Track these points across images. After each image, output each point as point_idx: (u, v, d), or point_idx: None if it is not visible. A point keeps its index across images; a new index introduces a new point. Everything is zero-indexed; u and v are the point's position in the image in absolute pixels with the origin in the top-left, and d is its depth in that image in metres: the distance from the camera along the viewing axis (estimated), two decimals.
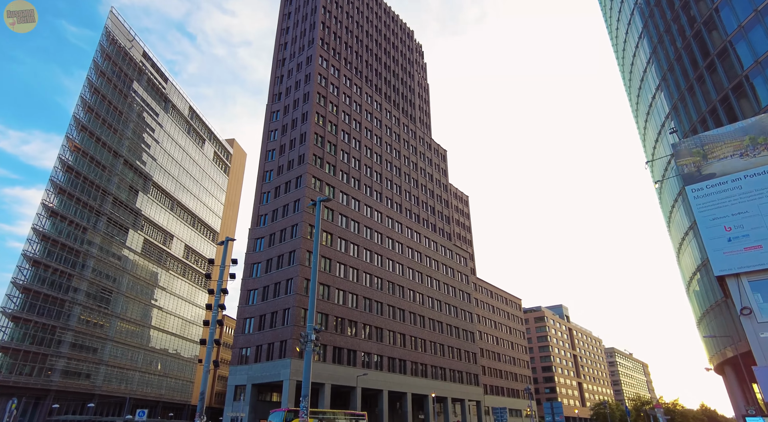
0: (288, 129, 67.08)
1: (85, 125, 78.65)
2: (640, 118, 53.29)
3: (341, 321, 56.53)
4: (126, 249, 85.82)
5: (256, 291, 57.26)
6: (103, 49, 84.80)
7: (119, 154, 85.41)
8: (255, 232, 61.83)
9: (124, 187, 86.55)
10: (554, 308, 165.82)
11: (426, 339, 68.57)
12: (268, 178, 65.28)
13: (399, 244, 71.36)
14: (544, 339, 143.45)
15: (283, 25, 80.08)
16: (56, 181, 73.35)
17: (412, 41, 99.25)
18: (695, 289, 42.63)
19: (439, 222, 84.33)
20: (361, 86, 77.12)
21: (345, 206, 63.73)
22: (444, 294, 77.08)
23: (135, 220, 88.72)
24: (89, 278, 76.48)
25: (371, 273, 63.60)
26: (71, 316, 72.81)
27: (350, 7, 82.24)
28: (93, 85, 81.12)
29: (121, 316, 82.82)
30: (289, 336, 50.17)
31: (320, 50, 70.46)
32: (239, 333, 55.90)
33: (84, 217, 76.93)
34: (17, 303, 66.21)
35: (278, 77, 74.49)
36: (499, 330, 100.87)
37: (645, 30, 46.29)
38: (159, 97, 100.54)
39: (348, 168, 67.40)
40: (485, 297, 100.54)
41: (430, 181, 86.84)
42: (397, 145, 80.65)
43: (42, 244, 70.25)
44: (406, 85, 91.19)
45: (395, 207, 74.18)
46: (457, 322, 77.19)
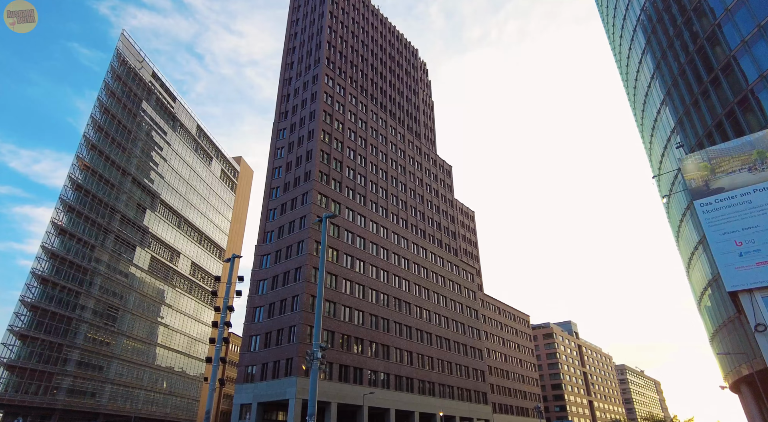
0: (294, 146, 67.67)
1: (95, 144, 79.82)
2: (645, 132, 53.30)
3: (347, 338, 56.06)
4: (133, 266, 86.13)
5: (262, 308, 57.06)
6: (114, 71, 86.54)
7: (128, 172, 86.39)
8: (261, 249, 61.90)
9: (132, 205, 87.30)
10: (563, 324, 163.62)
11: (433, 356, 67.74)
12: (274, 195, 65.63)
13: (405, 260, 71.11)
14: (553, 356, 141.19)
15: (289, 45, 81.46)
16: (66, 200, 74.17)
17: (416, 59, 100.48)
18: (707, 305, 41.98)
19: (445, 237, 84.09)
20: (367, 104, 77.92)
21: (351, 222, 63.79)
22: (451, 310, 76.39)
23: (142, 238, 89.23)
24: (96, 296, 76.66)
25: (377, 289, 63.26)
26: (78, 334, 72.79)
27: (356, 27, 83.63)
28: (103, 105, 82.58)
29: (127, 334, 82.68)
30: (295, 354, 49.76)
31: (326, 69, 71.46)
32: (245, 350, 55.54)
33: (92, 235, 77.51)
34: (25, 321, 66.39)
35: (285, 96, 75.47)
36: (507, 347, 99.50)
37: (648, 46, 46.61)
38: (167, 116, 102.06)
39: (354, 184, 67.67)
40: (493, 313, 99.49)
41: (436, 197, 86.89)
42: (402, 161, 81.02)
43: (50, 262, 70.71)
44: (411, 102, 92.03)
45: (401, 222, 74.14)
46: (464, 339, 76.29)
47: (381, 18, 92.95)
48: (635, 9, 48.56)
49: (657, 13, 44.08)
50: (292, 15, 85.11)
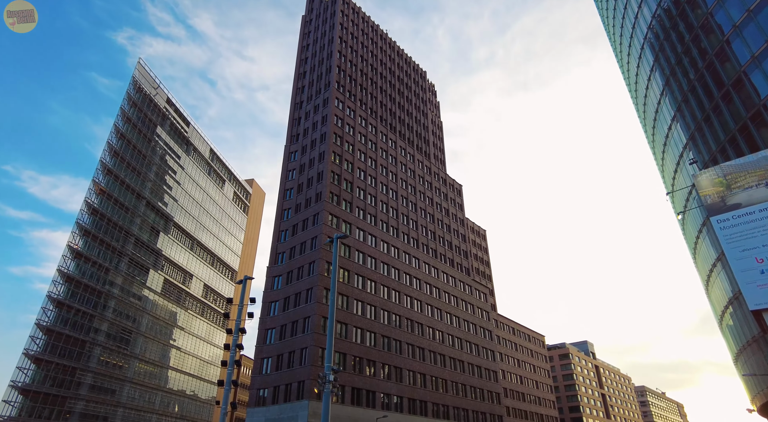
0: (306, 168, 68.37)
1: (111, 169, 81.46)
2: (657, 149, 52.96)
3: (359, 360, 55.37)
4: (146, 289, 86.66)
5: (273, 330, 56.79)
6: (130, 97, 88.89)
7: (142, 196, 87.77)
8: (273, 270, 61.98)
9: (146, 228, 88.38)
10: (579, 344, 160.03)
11: (447, 379, 66.48)
12: (286, 217, 66.03)
13: (417, 280, 70.59)
14: (569, 378, 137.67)
15: (300, 70, 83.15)
16: (82, 223, 75.37)
17: (424, 81, 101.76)
18: (729, 324, 40.85)
19: (456, 256, 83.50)
20: (376, 125, 78.78)
21: (362, 242, 63.75)
22: (464, 331, 75.26)
23: (156, 260, 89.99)
24: (110, 318, 77.06)
25: (389, 310, 62.70)
26: (91, 358, 72.95)
27: (365, 51, 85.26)
28: (120, 131, 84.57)
29: (140, 357, 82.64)
30: (307, 377, 49.20)
31: (336, 93, 72.66)
32: (257, 373, 55.08)
33: (107, 258, 78.40)
34: (40, 345, 66.79)
35: (296, 119, 76.66)
36: (522, 368, 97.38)
37: (656, 63, 46.73)
38: (181, 140, 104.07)
39: (364, 204, 67.89)
40: (507, 334, 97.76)
41: (446, 216, 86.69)
42: (412, 181, 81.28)
43: (66, 286, 71.47)
44: (420, 123, 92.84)
45: (412, 242, 73.90)
46: (478, 361, 74.89)
47: (389, 42, 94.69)
48: (642, 27, 48.91)
49: (664, 31, 44.32)
50: (302, 41, 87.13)
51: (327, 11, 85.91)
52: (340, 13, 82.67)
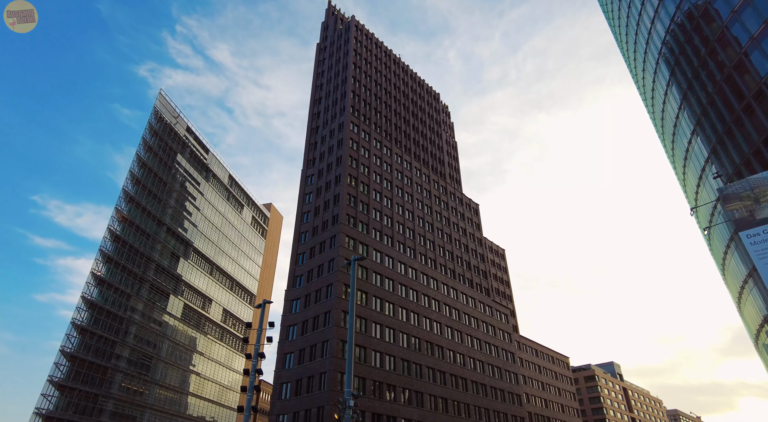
0: (322, 191, 68.94)
1: (133, 197, 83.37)
2: (677, 163, 52.03)
3: (379, 385, 54.39)
4: (166, 314, 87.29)
5: (292, 354, 56.36)
6: (152, 127, 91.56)
7: (163, 222, 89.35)
8: (291, 294, 61.93)
9: (166, 254, 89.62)
10: (605, 366, 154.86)
11: (470, 403, 64.74)
12: (303, 239, 66.31)
13: (435, 302, 69.67)
14: (596, 401, 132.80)
15: (316, 95, 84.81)
16: (105, 251, 76.84)
17: (438, 103, 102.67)
18: (765, 343, 39.09)
19: (475, 277, 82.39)
20: (391, 147, 79.39)
21: (379, 264, 63.45)
22: (486, 354, 73.57)
23: (176, 286, 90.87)
24: (131, 344, 77.58)
25: (408, 333, 61.81)
26: (113, 384, 73.25)
27: (378, 76, 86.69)
28: (141, 160, 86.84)
29: (160, 383, 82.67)
30: (327, 402, 48.44)
31: (351, 117, 73.71)
32: (276, 398, 54.47)
33: (128, 284, 79.48)
34: (64, 371, 67.43)
35: (312, 144, 77.79)
36: (547, 391, 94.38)
37: (672, 77, 46.33)
38: (201, 167, 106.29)
39: (381, 226, 67.87)
40: (530, 356, 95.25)
41: (464, 235, 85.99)
42: (428, 202, 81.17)
43: (89, 312, 72.45)
44: (435, 143, 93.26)
45: (429, 263, 73.27)
46: (501, 384, 72.89)
47: (402, 65, 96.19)
48: (656, 43, 48.75)
49: (679, 46, 44.07)
50: (317, 68, 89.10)
51: (341, 38, 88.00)
52: (354, 39, 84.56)
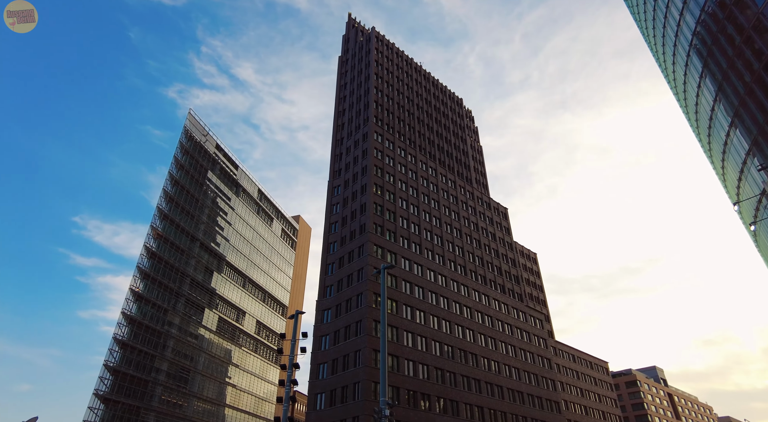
0: (349, 201, 69.46)
1: (167, 214, 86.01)
2: (715, 157, 50.05)
3: (413, 394, 53.92)
4: (202, 328, 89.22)
5: (325, 364, 56.59)
6: (182, 146, 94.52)
7: (196, 238, 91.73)
8: (322, 304, 62.36)
9: (200, 268, 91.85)
10: (647, 371, 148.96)
11: (506, 411, 63.35)
12: (332, 250, 66.82)
13: (467, 309, 68.80)
14: (639, 407, 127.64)
15: (339, 107, 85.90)
16: (142, 267, 79.38)
17: (461, 108, 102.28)
18: None
19: (507, 282, 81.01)
20: (416, 155, 79.42)
21: (408, 272, 63.23)
22: (521, 360, 72.00)
23: (210, 299, 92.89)
24: (170, 358, 79.55)
25: (441, 341, 61.18)
26: (153, 397, 75.15)
27: (400, 85, 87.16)
28: (174, 178, 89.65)
29: (198, 395, 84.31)
30: (361, 412, 48.31)
31: (375, 127, 74.25)
32: (311, 409, 54.70)
33: (165, 299, 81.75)
34: (108, 384, 69.68)
35: (338, 155, 78.64)
36: (586, 398, 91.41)
37: (706, 69, 44.78)
38: (231, 182, 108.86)
39: (408, 234, 67.73)
40: (567, 361, 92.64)
41: (493, 240, 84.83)
42: (455, 207, 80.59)
43: (129, 327, 74.81)
44: (459, 149, 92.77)
45: (459, 269, 72.53)
46: (538, 391, 71.07)
47: (423, 73, 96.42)
48: (686, 34, 47.30)
49: (711, 36, 42.62)
50: (340, 80, 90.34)
51: (362, 50, 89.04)
52: (375, 50, 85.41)
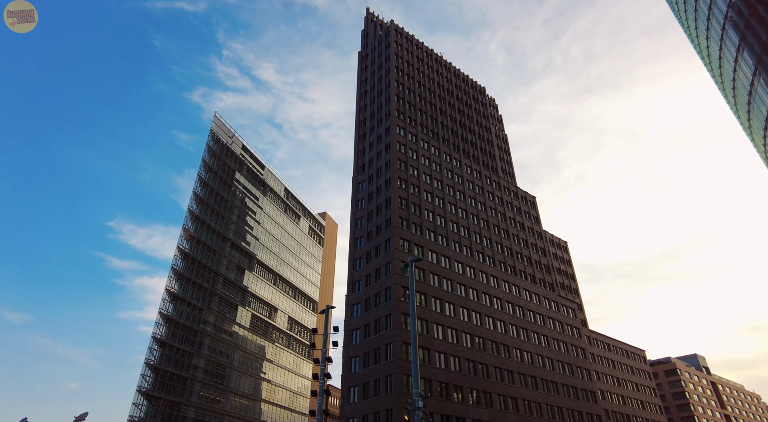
0: (374, 196, 69.71)
1: (198, 215, 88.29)
2: (756, 134, 47.90)
3: (445, 386, 53.99)
4: (236, 325, 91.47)
5: (357, 358, 57.24)
6: (210, 148, 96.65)
7: (227, 238, 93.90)
8: (351, 298, 62.98)
9: (232, 268, 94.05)
10: (687, 359, 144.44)
11: (541, 402, 62.69)
12: (359, 245, 67.30)
13: (497, 300, 68.21)
14: (681, 396, 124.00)
15: (361, 103, 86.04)
16: (176, 268, 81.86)
17: (484, 97, 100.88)
18: None
19: (537, 272, 79.83)
20: (439, 147, 78.90)
21: (435, 265, 63.10)
22: (554, 350, 71.00)
23: (243, 297, 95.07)
24: (206, 355, 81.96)
25: (471, 333, 60.94)
26: (192, 393, 77.67)
27: (422, 77, 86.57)
28: (203, 180, 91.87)
29: (234, 391, 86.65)
30: (395, 404, 48.71)
31: (397, 120, 74.10)
32: (345, 402, 55.49)
33: (200, 299, 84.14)
34: (149, 381, 72.43)
35: (361, 150, 78.92)
36: (624, 387, 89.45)
37: (743, 42, 42.77)
38: (258, 182, 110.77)
39: (434, 226, 67.52)
40: (602, 351, 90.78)
41: (522, 230, 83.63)
42: (481, 198, 79.77)
43: (167, 326, 77.41)
44: (484, 138, 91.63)
45: (488, 260, 71.91)
46: (573, 381, 69.99)
47: (444, 63, 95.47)
48: (721, 7, 45.23)
49: (748, 7, 40.64)
50: (361, 75, 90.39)
51: (381, 44, 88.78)
52: (394, 43, 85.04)
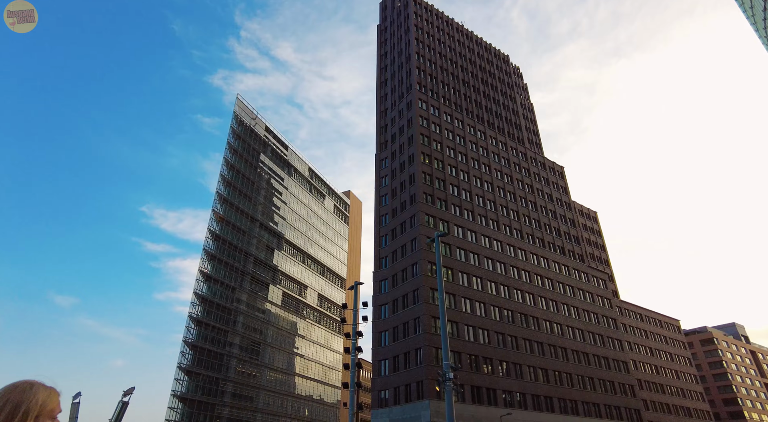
0: (397, 173, 69.56)
1: (226, 198, 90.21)
2: None
3: (475, 358, 54.65)
4: (268, 303, 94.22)
5: (386, 332, 58.37)
6: (234, 131, 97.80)
7: (255, 219, 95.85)
8: (378, 275, 63.81)
9: (261, 247, 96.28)
10: (725, 327, 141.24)
11: (572, 373, 62.83)
12: (384, 222, 67.70)
13: (525, 273, 67.89)
14: (718, 366, 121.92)
15: (381, 78, 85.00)
16: (208, 249, 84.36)
17: (508, 66, 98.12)
18: None
19: (567, 243, 78.79)
20: (463, 119, 77.61)
21: (461, 239, 63.03)
22: (585, 322, 70.60)
23: (273, 276, 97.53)
24: (241, 332, 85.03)
25: (500, 306, 61.10)
26: (229, 369, 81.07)
27: (443, 47, 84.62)
28: (229, 163, 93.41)
29: (269, 366, 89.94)
30: (424, 377, 49.74)
31: (418, 94, 73.03)
32: (376, 375, 56.98)
33: (232, 278, 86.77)
34: (188, 358, 75.92)
35: (383, 127, 78.42)
36: (657, 357, 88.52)
37: None
38: (282, 163, 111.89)
39: (459, 201, 67.13)
40: (634, 321, 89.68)
41: (550, 201, 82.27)
42: (507, 170, 78.56)
43: (201, 306, 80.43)
44: (509, 108, 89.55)
45: (515, 233, 71.31)
46: (605, 352, 69.69)
47: (466, 33, 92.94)
48: None
49: None
50: (380, 50, 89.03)
51: (400, 16, 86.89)
52: (414, 14, 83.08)
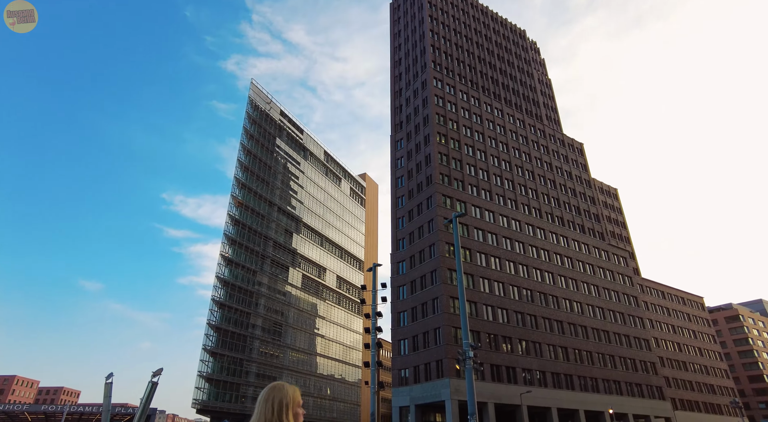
0: (413, 154, 69.14)
1: (244, 183, 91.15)
2: None
3: (494, 337, 54.93)
4: (288, 285, 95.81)
5: (405, 313, 58.94)
6: (249, 116, 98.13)
7: (273, 203, 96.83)
8: (396, 256, 64.13)
9: (280, 231, 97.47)
10: (751, 304, 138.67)
11: (592, 351, 62.74)
12: (400, 204, 67.67)
13: (545, 252, 67.41)
14: (744, 342, 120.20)
15: (395, 57, 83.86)
16: (228, 234, 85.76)
17: (525, 41, 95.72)
18: None
19: (586, 221, 77.77)
20: (479, 97, 76.36)
21: (479, 219, 62.72)
22: (605, 300, 70.08)
23: (293, 259, 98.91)
24: (263, 314, 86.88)
25: (518, 285, 60.99)
26: (253, 350, 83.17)
27: (457, 24, 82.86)
28: (246, 148, 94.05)
29: (291, 346, 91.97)
30: (444, 356, 50.27)
31: (433, 73, 71.92)
32: (396, 355, 57.81)
33: (253, 262, 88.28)
34: (213, 340, 78.07)
35: (398, 107, 77.69)
36: (680, 334, 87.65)
37: None
38: (298, 147, 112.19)
39: (476, 181, 66.57)
40: (656, 298, 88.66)
41: (569, 179, 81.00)
42: (525, 148, 77.38)
43: (224, 289, 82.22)
44: (526, 85, 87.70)
45: (534, 212, 70.61)
46: (626, 330, 69.28)
47: (481, 8, 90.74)
48: None
49: None
50: (393, 28, 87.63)
51: None
52: None
